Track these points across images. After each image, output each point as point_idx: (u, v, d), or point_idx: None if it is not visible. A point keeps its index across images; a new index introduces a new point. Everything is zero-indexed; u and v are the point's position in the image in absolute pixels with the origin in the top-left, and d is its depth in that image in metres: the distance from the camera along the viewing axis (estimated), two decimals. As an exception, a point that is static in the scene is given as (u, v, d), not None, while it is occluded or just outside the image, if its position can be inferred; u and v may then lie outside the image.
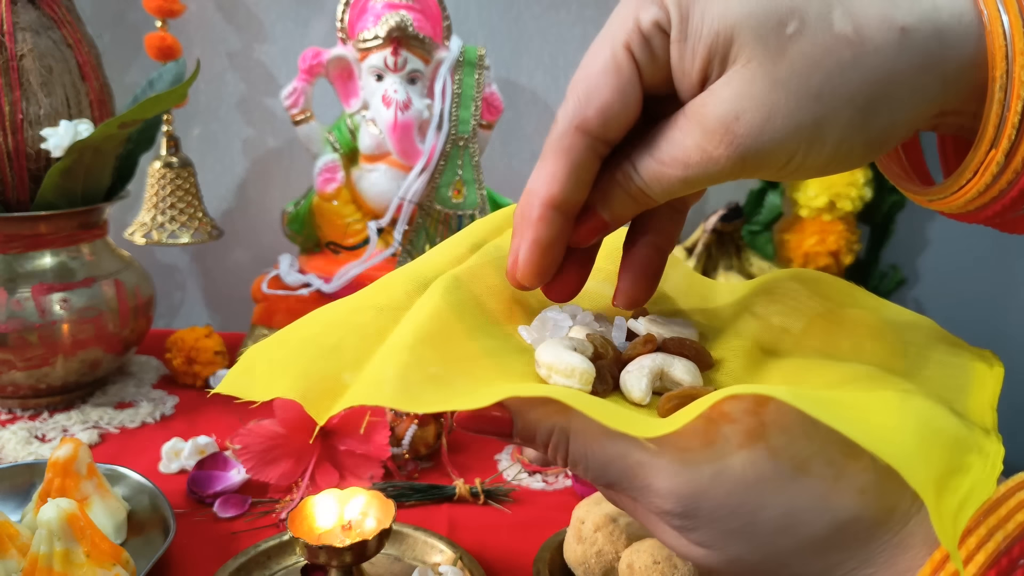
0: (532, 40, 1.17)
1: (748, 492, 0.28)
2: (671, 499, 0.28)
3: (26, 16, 0.83)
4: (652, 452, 0.29)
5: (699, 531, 0.29)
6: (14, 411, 0.88)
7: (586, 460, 0.30)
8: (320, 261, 1.03)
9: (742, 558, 0.29)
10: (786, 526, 0.28)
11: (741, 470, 0.28)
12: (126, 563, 0.58)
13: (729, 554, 0.29)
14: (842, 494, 0.27)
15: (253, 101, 1.16)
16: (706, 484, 0.28)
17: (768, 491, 0.28)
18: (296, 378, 0.30)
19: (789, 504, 0.28)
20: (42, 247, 0.85)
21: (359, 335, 0.32)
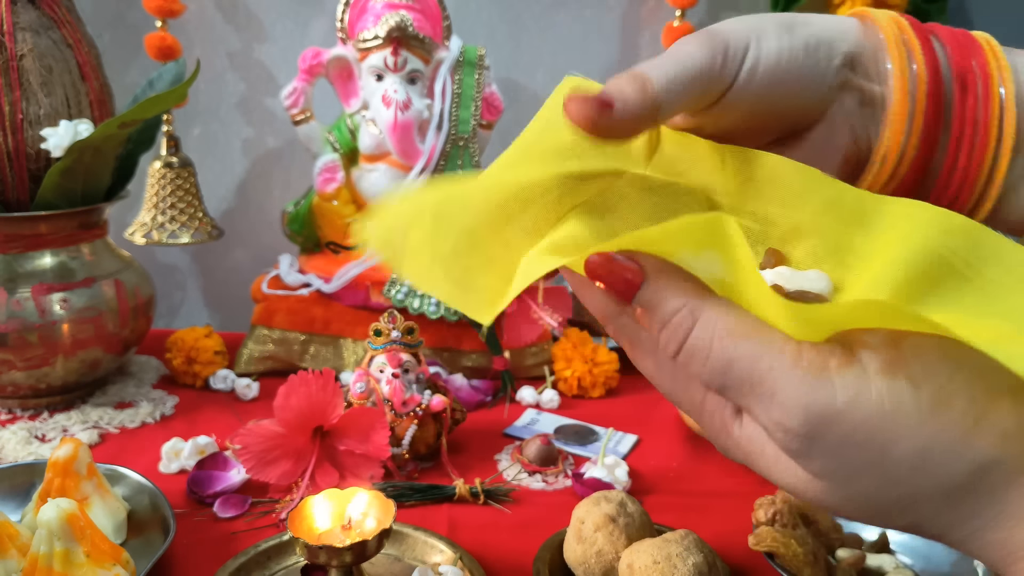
0: (532, 40, 1.17)
1: (884, 421, 0.25)
2: (799, 415, 0.26)
3: (26, 16, 0.83)
4: (789, 360, 0.26)
5: (822, 460, 0.26)
6: (14, 411, 0.88)
7: (709, 350, 0.27)
8: (320, 261, 1.03)
9: (867, 496, 0.26)
10: (921, 464, 0.26)
11: (878, 397, 0.25)
12: (126, 563, 0.58)
13: (852, 491, 0.27)
14: (984, 435, 0.25)
15: (253, 101, 1.16)
16: (841, 405, 0.25)
17: (906, 424, 0.25)
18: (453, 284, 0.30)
19: (927, 441, 0.25)
20: (42, 247, 0.85)
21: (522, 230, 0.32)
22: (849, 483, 0.27)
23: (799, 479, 0.28)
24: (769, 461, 0.28)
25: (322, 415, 0.70)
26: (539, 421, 0.92)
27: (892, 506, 0.27)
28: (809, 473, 0.27)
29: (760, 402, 0.27)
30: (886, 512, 0.27)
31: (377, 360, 0.81)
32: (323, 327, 0.99)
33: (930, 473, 0.26)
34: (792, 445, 0.27)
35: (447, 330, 0.99)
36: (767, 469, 0.28)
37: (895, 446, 0.26)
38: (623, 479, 0.77)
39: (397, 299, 0.98)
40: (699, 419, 0.30)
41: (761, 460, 0.28)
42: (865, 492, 0.27)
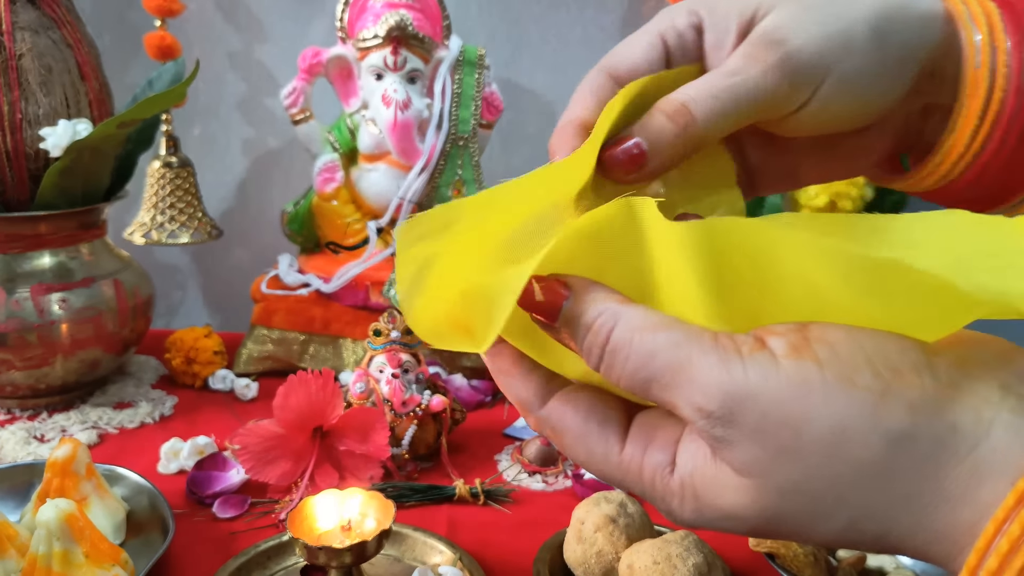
0: (532, 40, 1.17)
1: (795, 400, 0.25)
2: (717, 396, 0.26)
3: (25, 15, 0.83)
4: (708, 345, 0.26)
5: (742, 447, 0.26)
6: (13, 411, 0.88)
7: (630, 346, 0.27)
8: (320, 261, 1.03)
9: (795, 487, 0.26)
10: (836, 443, 0.25)
11: (786, 376, 0.25)
12: (125, 564, 0.58)
13: (777, 481, 0.26)
14: (892, 407, 0.25)
15: (253, 101, 1.16)
16: (753, 385, 0.25)
17: (815, 402, 0.25)
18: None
19: (837, 417, 0.25)
20: (41, 247, 0.85)
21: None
22: (773, 472, 0.26)
23: (728, 481, 0.27)
24: (708, 482, 0.27)
25: (321, 415, 0.70)
26: (539, 421, 0.92)
27: (822, 500, 0.26)
28: (738, 474, 0.26)
29: (681, 390, 0.27)
30: (822, 512, 0.26)
31: (377, 360, 0.81)
32: (322, 327, 0.99)
33: (847, 453, 0.25)
34: (716, 432, 0.26)
35: (447, 330, 0.99)
36: (713, 500, 0.27)
37: (808, 425, 0.25)
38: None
39: (397, 299, 0.98)
40: (641, 486, 0.29)
41: (705, 490, 0.28)
42: (789, 482, 0.26)
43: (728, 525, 0.28)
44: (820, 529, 0.26)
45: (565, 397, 0.31)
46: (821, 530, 0.26)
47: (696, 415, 0.26)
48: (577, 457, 0.30)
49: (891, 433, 0.25)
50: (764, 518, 0.27)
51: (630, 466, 0.29)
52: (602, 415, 0.30)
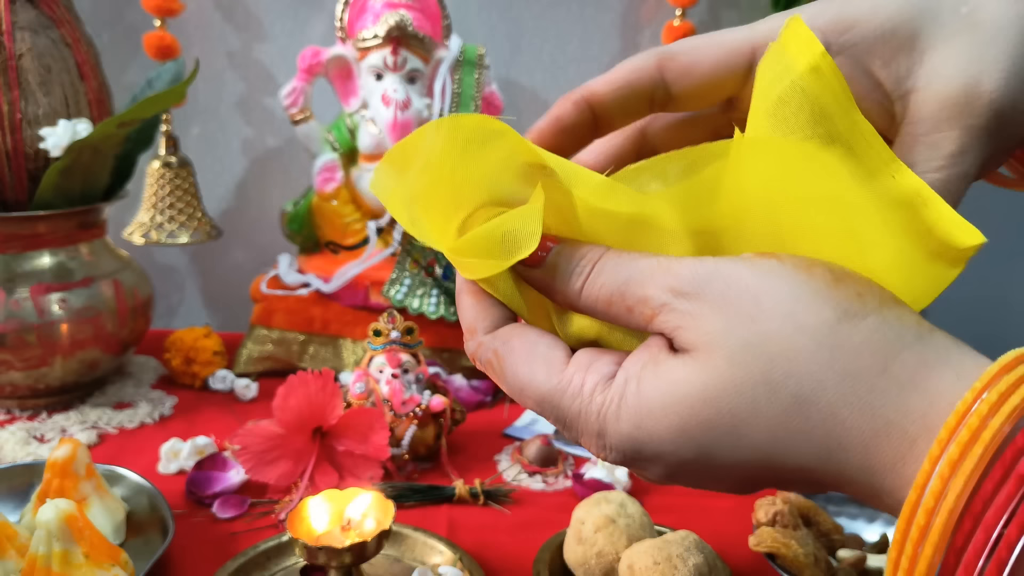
0: (532, 39, 1.17)
1: (757, 276, 0.26)
2: (687, 276, 0.27)
3: (25, 15, 0.83)
4: (682, 254, 0.28)
5: (704, 317, 0.26)
6: (12, 411, 0.88)
7: (616, 259, 0.29)
8: (319, 261, 1.03)
9: (747, 348, 0.25)
10: (792, 312, 0.25)
11: (751, 263, 0.27)
12: (125, 564, 0.58)
13: (731, 345, 0.26)
14: (843, 290, 0.26)
15: (252, 100, 1.16)
16: (721, 267, 0.27)
17: (774, 279, 0.26)
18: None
19: (794, 291, 0.26)
20: (40, 247, 0.85)
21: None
22: (728, 338, 0.26)
23: (682, 367, 0.26)
24: (652, 374, 0.27)
25: (321, 415, 0.70)
26: (539, 421, 0.92)
27: (772, 368, 0.25)
28: (691, 354, 0.26)
29: (655, 279, 0.27)
30: (768, 386, 0.25)
31: (376, 360, 0.81)
32: (322, 327, 0.99)
33: (801, 320, 0.25)
34: (682, 306, 0.27)
35: (447, 330, 0.99)
36: (653, 391, 0.27)
37: (766, 296, 0.26)
38: (623, 480, 0.77)
39: (396, 299, 0.98)
40: (579, 402, 0.28)
41: (648, 384, 0.27)
42: (744, 345, 0.26)
43: (660, 429, 0.26)
44: (761, 414, 0.25)
45: (516, 326, 0.31)
46: (763, 415, 0.25)
47: (667, 294, 0.27)
48: (517, 380, 0.30)
49: (841, 307, 0.25)
50: (705, 400, 0.26)
51: (571, 382, 0.28)
52: (550, 342, 0.30)
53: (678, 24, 1.07)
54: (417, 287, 0.99)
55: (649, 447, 0.27)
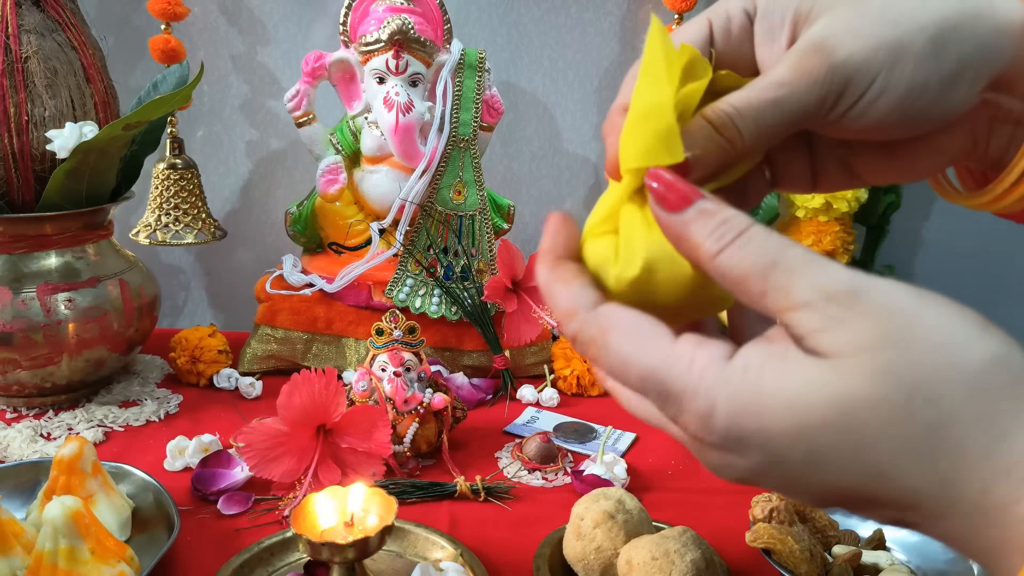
0: (532, 43, 1.17)
1: (911, 298, 0.26)
2: (841, 282, 0.27)
3: (31, 19, 0.84)
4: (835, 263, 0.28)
5: (852, 325, 0.26)
6: (19, 409, 0.89)
7: (764, 234, 0.28)
8: (323, 261, 1.03)
9: (890, 370, 0.25)
10: (945, 343, 0.26)
11: (906, 289, 0.27)
12: (130, 560, 0.59)
13: (874, 362, 0.25)
14: (993, 334, 0.26)
15: (256, 103, 1.17)
16: (876, 284, 0.27)
17: (928, 306, 0.26)
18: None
19: (948, 323, 0.26)
20: (47, 247, 0.86)
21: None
22: (873, 353, 0.26)
23: (817, 368, 0.26)
24: (777, 366, 0.27)
25: (325, 413, 0.71)
26: (539, 419, 0.93)
27: (914, 393, 0.25)
28: (829, 356, 0.26)
29: (805, 274, 0.27)
30: (907, 407, 0.25)
31: (379, 359, 0.81)
32: (326, 326, 1.00)
33: (952, 354, 0.25)
34: (830, 311, 0.26)
35: (448, 329, 1.00)
36: (778, 382, 0.27)
37: (919, 320, 0.26)
38: (622, 476, 0.77)
39: (399, 299, 0.99)
40: (686, 378, 0.28)
41: (772, 374, 0.27)
42: (887, 367, 0.25)
43: (778, 424, 0.26)
44: (891, 435, 0.25)
45: (617, 306, 0.30)
46: (892, 436, 0.25)
47: (816, 294, 0.26)
48: (622, 354, 0.29)
49: (991, 351, 0.25)
50: (837, 408, 0.26)
51: (680, 357, 0.28)
52: (653, 321, 0.29)
53: (676, 28, 1.08)
54: (419, 287, 1.00)
55: (756, 438, 0.27)
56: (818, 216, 1.17)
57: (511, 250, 0.96)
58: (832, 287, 0.26)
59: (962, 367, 0.25)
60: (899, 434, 0.25)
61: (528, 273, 0.98)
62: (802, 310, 0.27)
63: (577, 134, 1.22)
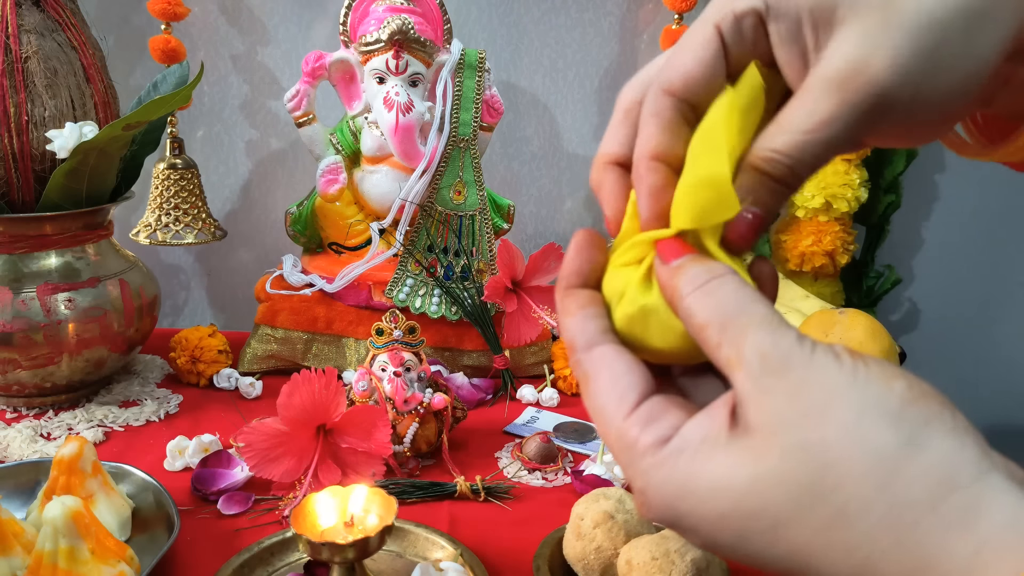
0: (532, 43, 1.18)
1: (842, 374, 0.26)
2: (781, 348, 0.27)
3: (31, 18, 0.84)
4: (787, 327, 0.28)
5: (775, 398, 0.26)
6: (19, 409, 0.89)
7: (729, 288, 0.29)
8: (323, 261, 1.03)
9: (802, 448, 0.26)
10: (860, 423, 0.25)
11: (842, 361, 0.27)
12: (131, 560, 0.59)
13: (790, 439, 0.26)
14: (917, 414, 0.26)
15: (256, 103, 1.17)
16: (815, 357, 0.27)
17: (856, 383, 0.26)
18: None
19: (871, 401, 0.26)
20: (47, 247, 0.86)
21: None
22: (789, 430, 0.26)
23: (738, 451, 0.27)
24: (708, 448, 0.28)
25: (325, 413, 0.71)
26: (539, 419, 0.93)
27: (822, 476, 0.25)
28: (749, 434, 0.27)
29: (755, 333, 0.28)
30: (813, 493, 0.25)
31: (379, 359, 0.81)
32: (326, 326, 1.00)
33: (867, 435, 0.25)
34: (763, 381, 0.27)
35: (448, 329, 1.00)
36: (703, 466, 0.27)
37: (841, 398, 0.26)
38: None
39: (399, 299, 0.99)
40: (630, 455, 0.29)
41: (700, 457, 0.28)
42: (801, 444, 0.26)
43: (702, 510, 0.27)
44: (803, 519, 0.25)
45: (611, 349, 0.31)
46: (804, 520, 0.25)
47: (756, 359, 0.27)
48: (595, 405, 0.31)
49: (906, 433, 0.25)
50: (750, 492, 0.26)
51: (627, 433, 0.29)
52: (633, 380, 0.30)
53: (676, 28, 1.08)
54: (419, 287, 1.00)
55: (688, 520, 0.27)
56: (818, 216, 1.17)
57: (511, 250, 0.96)
58: (772, 353, 0.27)
59: (873, 452, 0.25)
60: (810, 519, 0.25)
61: (528, 273, 0.98)
62: (743, 372, 0.27)
63: (577, 134, 1.22)
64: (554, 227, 1.27)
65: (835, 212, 1.16)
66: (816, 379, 0.26)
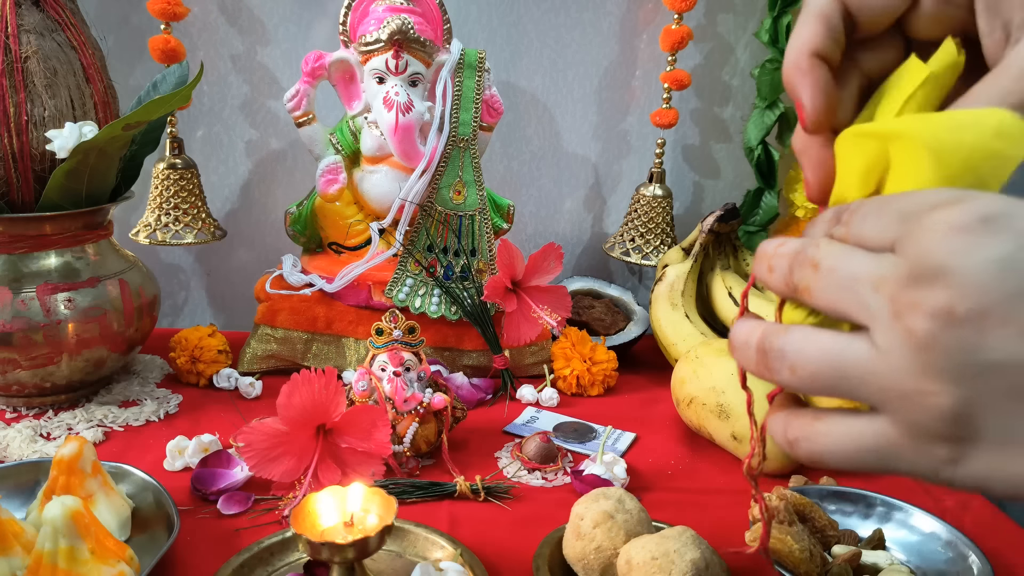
0: (531, 43, 1.18)
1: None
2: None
3: (30, 18, 0.84)
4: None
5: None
6: (19, 409, 0.89)
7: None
8: (322, 261, 1.03)
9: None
10: None
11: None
12: (130, 560, 0.59)
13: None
14: None
15: (256, 103, 1.17)
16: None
17: None
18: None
19: None
20: (47, 247, 0.86)
21: None
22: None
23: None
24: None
25: (324, 413, 0.71)
26: (539, 419, 0.93)
27: None
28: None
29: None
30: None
31: (379, 359, 0.81)
32: (325, 326, 1.00)
33: None
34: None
35: (448, 329, 1.00)
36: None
37: None
38: (621, 476, 0.78)
39: (398, 299, 0.99)
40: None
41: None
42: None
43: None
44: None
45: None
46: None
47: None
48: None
49: None
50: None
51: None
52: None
53: (675, 28, 1.08)
54: (419, 287, 1.00)
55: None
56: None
57: (511, 250, 0.96)
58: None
59: None
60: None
61: (528, 273, 0.98)
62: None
63: (577, 134, 1.22)
64: (554, 227, 1.27)
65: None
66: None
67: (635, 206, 1.15)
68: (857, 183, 0.32)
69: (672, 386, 0.91)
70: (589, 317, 1.12)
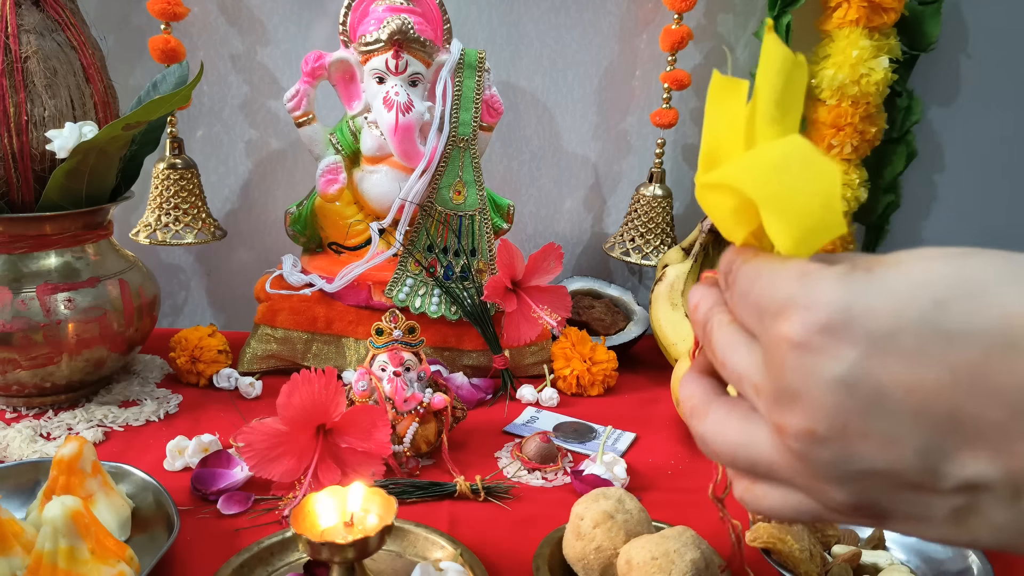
0: (531, 43, 1.17)
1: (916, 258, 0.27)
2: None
3: (30, 18, 0.84)
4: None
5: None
6: (19, 409, 0.89)
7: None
8: (322, 261, 1.03)
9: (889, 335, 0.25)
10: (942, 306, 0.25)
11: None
12: (130, 560, 0.59)
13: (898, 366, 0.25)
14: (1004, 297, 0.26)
15: (256, 103, 1.17)
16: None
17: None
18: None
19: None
20: (47, 247, 0.86)
21: None
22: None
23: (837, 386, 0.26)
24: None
25: (324, 413, 0.71)
26: (538, 419, 0.93)
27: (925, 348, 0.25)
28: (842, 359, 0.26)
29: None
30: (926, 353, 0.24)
31: (379, 359, 0.81)
32: (325, 326, 1.00)
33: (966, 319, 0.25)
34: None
35: (448, 329, 1.00)
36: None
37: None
38: (621, 476, 0.77)
39: (398, 299, 0.99)
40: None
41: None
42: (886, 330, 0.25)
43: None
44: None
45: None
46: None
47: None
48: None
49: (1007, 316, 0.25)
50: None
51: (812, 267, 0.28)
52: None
53: (675, 28, 1.08)
54: (419, 287, 1.00)
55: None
56: (818, 216, 1.17)
57: (511, 250, 0.96)
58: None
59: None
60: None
61: (528, 273, 0.98)
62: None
63: (577, 134, 1.22)
64: (554, 227, 1.27)
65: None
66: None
67: (635, 206, 1.15)
68: (735, 226, 0.32)
69: (672, 386, 0.91)
70: (589, 317, 1.12)
